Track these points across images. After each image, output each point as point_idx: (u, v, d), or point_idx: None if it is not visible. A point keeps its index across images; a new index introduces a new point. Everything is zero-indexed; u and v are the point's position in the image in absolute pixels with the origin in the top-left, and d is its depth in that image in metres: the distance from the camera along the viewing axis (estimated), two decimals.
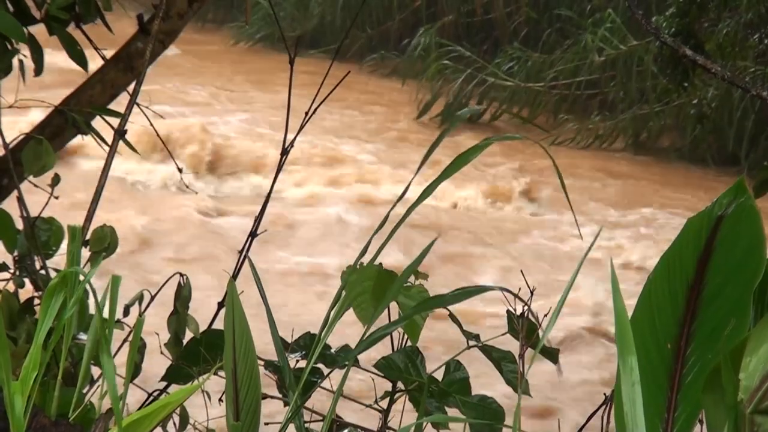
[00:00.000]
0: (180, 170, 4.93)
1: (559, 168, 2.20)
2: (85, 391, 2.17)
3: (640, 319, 2.00)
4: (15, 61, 3.48)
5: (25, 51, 3.53)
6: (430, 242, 2.22)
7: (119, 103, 3.77)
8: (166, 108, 13.73)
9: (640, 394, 1.81)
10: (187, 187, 10.31)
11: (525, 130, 17.73)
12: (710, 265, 1.99)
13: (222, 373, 2.16)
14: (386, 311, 2.42)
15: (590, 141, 17.55)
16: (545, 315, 2.62)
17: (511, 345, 2.70)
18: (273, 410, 2.51)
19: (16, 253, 3.22)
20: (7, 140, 3.51)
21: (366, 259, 2.23)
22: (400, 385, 2.67)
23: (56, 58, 3.78)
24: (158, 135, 4.38)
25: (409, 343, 2.68)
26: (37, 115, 3.98)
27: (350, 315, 2.29)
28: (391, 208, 2.07)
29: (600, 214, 14.31)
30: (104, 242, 3.09)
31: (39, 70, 3.60)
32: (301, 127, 3.43)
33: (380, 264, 2.28)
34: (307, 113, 3.40)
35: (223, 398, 2.18)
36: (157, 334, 2.88)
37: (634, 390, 1.81)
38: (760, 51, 12.06)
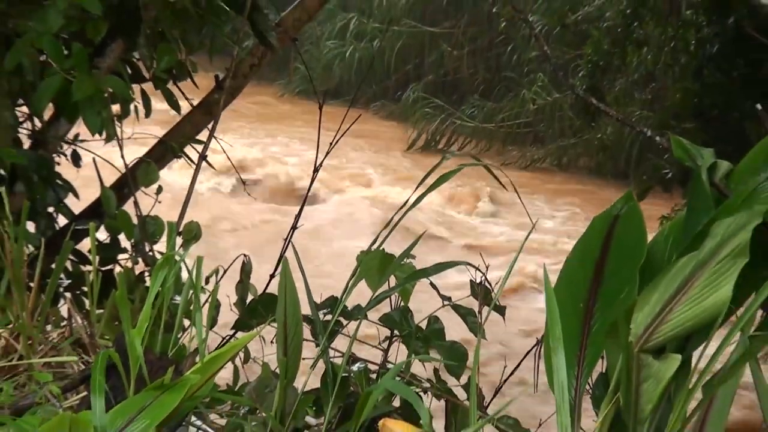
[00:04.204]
0: (243, 182, 4.94)
1: (508, 181, 2.21)
2: (179, 336, 2.17)
3: (561, 287, 2.00)
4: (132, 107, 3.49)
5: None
6: (420, 234, 2.22)
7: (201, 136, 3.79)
8: (234, 137, 13.85)
9: (561, 342, 1.81)
10: (247, 192, 10.36)
11: (483, 156, 17.78)
12: (610, 249, 1.99)
13: (274, 324, 2.16)
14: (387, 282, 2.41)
15: (528, 163, 17.59)
16: (497, 283, 2.63)
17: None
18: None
19: (132, 241, 3.22)
20: (127, 161, 3.52)
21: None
22: (396, 332, 2.67)
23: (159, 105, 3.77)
24: (228, 158, 4.38)
25: (402, 304, 2.68)
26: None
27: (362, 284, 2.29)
28: (395, 214, 2.07)
29: (539, 212, 14.39)
30: (192, 233, 3.09)
31: (147, 113, 3.61)
32: (327, 153, 3.43)
33: (383, 249, 2.28)
34: (331, 143, 3.41)
35: (275, 341, 2.18)
36: (228, 297, 2.87)
37: (558, 339, 1.82)
38: (643, 101, 12.12)
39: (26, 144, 3.49)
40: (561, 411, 1.78)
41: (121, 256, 3.30)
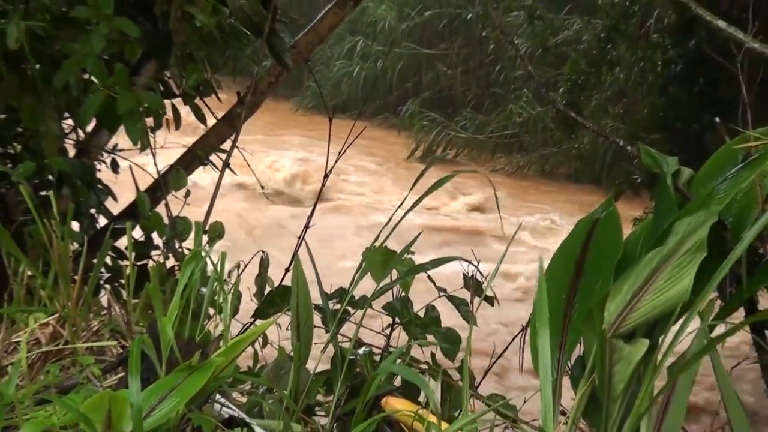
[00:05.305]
0: (262, 187, 4.93)
1: (495, 186, 2.20)
2: (205, 323, 2.17)
3: (548, 280, 2.00)
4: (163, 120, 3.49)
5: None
6: (418, 233, 2.22)
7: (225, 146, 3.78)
8: (253, 147, 13.71)
9: (547, 326, 1.81)
10: (265, 195, 10.35)
11: (474, 164, 17.81)
12: (590, 248, 1.99)
13: (289, 313, 2.16)
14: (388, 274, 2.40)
15: (514, 170, 17.56)
16: (487, 275, 2.62)
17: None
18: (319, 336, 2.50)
19: (164, 238, 3.22)
20: (159, 168, 3.52)
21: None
22: (397, 320, 2.66)
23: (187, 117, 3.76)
24: (249, 165, 4.38)
25: (403, 294, 2.67)
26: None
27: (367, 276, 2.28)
28: (392, 215, 2.07)
29: (522, 213, 14.33)
30: (216, 232, 3.08)
31: (177, 125, 3.61)
32: (337, 159, 3.42)
33: (386, 245, 2.27)
34: (339, 152, 3.41)
35: (289, 327, 2.17)
36: (249, 289, 2.87)
37: (544, 323, 1.82)
38: (615, 114, 12.11)
39: (71, 153, 3.50)
40: (545, 390, 1.79)
41: (154, 253, 3.30)
